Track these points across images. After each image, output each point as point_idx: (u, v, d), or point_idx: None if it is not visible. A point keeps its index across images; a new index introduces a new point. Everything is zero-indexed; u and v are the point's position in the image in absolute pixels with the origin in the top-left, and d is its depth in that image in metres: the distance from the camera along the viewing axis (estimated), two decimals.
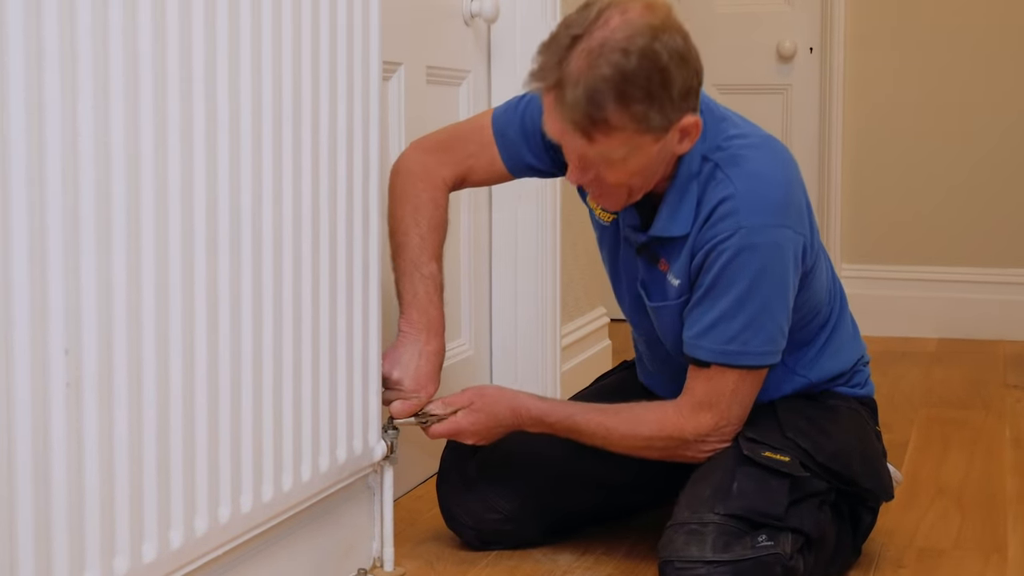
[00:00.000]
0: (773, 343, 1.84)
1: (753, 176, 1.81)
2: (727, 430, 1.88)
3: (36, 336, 1.22)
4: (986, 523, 2.24)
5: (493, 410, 1.93)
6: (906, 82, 4.22)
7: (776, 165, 1.85)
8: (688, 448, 1.89)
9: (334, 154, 1.76)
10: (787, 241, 1.80)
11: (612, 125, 1.69)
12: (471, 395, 1.95)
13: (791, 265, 1.82)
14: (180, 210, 1.42)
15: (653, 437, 1.89)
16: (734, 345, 1.81)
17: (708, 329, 1.82)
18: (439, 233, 2.00)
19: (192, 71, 1.44)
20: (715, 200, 1.80)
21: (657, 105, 1.69)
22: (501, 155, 2.02)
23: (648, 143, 1.73)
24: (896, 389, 3.36)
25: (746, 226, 1.78)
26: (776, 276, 1.80)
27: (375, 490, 1.97)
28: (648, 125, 1.70)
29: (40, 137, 1.21)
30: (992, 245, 4.18)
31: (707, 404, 1.85)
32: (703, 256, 1.81)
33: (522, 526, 2.07)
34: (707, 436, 1.87)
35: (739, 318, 1.80)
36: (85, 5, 1.26)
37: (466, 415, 1.93)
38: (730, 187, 1.80)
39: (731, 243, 1.78)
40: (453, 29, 2.52)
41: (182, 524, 1.46)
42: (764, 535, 1.77)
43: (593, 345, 3.21)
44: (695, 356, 1.85)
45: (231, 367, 1.54)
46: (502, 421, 1.93)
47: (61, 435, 1.25)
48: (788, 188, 1.84)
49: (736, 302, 1.80)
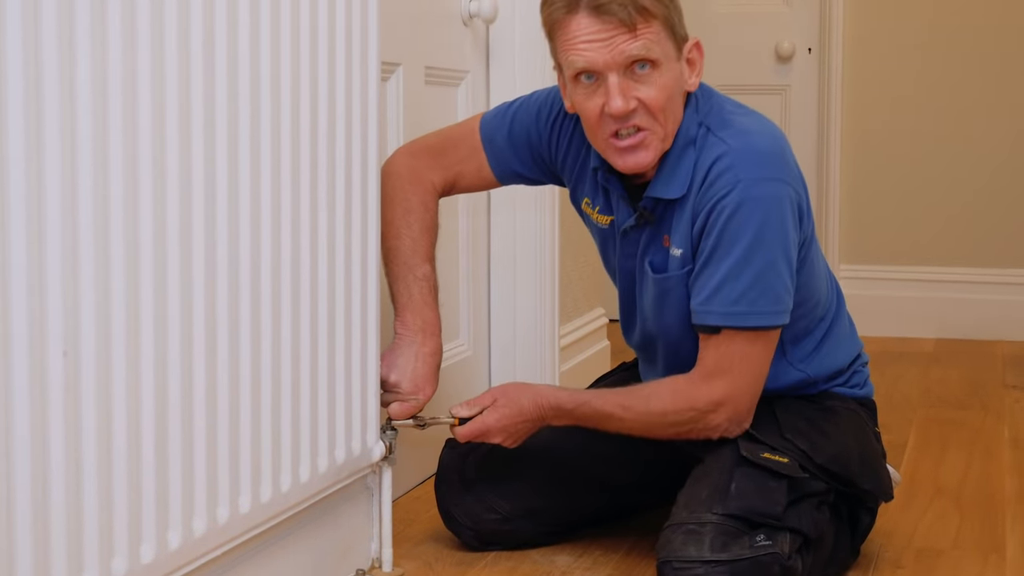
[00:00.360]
0: (780, 302, 1.83)
1: (745, 133, 1.85)
2: (740, 402, 1.85)
3: (34, 338, 1.22)
4: (984, 523, 2.24)
5: (517, 403, 1.92)
6: (904, 83, 4.22)
7: (767, 126, 1.90)
8: (702, 420, 1.86)
9: (332, 154, 1.76)
10: (784, 195, 1.82)
11: (648, 9, 1.77)
12: (494, 393, 1.95)
13: (790, 219, 1.82)
14: (178, 211, 1.42)
15: (667, 411, 1.87)
16: (742, 305, 1.81)
17: (715, 292, 1.82)
18: (430, 235, 2.00)
19: (190, 72, 1.44)
20: (710, 160, 1.83)
21: (672, 5, 1.81)
22: (489, 162, 2.03)
23: (672, 55, 1.81)
24: (894, 389, 3.36)
25: (743, 179, 1.80)
26: (776, 231, 1.81)
27: (373, 491, 1.97)
28: (672, 24, 1.80)
29: (39, 139, 1.21)
30: (990, 245, 4.18)
31: (718, 371, 1.84)
32: (704, 218, 1.82)
33: (520, 527, 2.07)
34: (719, 405, 1.85)
35: (744, 276, 1.80)
36: (84, 9, 1.26)
37: (491, 412, 1.92)
38: (722, 146, 1.83)
39: (730, 198, 1.79)
40: (452, 30, 2.52)
41: (180, 525, 1.46)
42: (762, 535, 1.77)
43: (592, 345, 3.21)
44: (704, 323, 1.84)
45: (229, 369, 1.54)
46: (526, 414, 1.92)
47: (59, 436, 1.25)
48: (781, 145, 1.87)
49: (740, 259, 1.80)
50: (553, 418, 1.94)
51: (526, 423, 1.93)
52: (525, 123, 2.02)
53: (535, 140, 2.02)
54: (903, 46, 4.21)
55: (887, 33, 4.22)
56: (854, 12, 4.23)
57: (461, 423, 1.94)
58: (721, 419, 1.86)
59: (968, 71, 4.16)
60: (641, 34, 1.76)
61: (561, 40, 1.80)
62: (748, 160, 1.81)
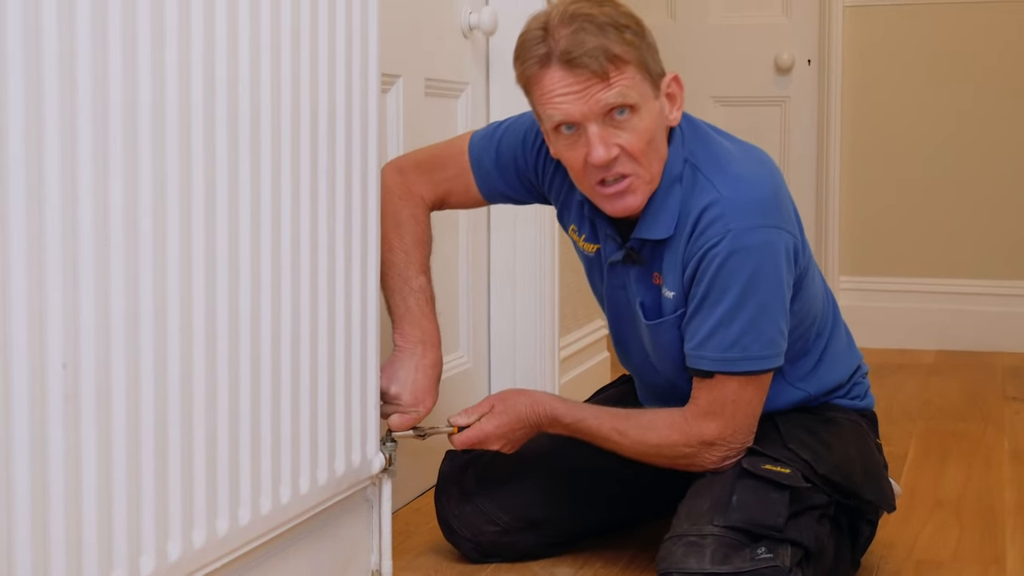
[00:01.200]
0: (774, 345, 1.83)
1: (737, 178, 1.81)
2: (735, 439, 1.87)
3: (34, 350, 1.22)
4: (984, 535, 2.24)
5: (515, 409, 1.94)
6: (904, 94, 4.22)
7: (759, 167, 1.86)
8: (696, 457, 1.88)
9: (333, 165, 1.76)
10: (778, 241, 1.80)
11: (621, 57, 1.74)
12: (491, 400, 1.96)
13: (784, 265, 1.81)
14: (178, 223, 1.42)
15: (662, 444, 1.88)
16: (734, 351, 1.81)
17: (707, 338, 1.82)
18: (423, 247, 2.01)
19: (190, 81, 1.44)
20: (700, 206, 1.80)
21: (646, 43, 1.78)
22: (476, 182, 2.04)
23: (650, 96, 1.78)
24: (894, 401, 3.35)
25: (734, 229, 1.78)
26: (770, 277, 1.80)
27: (373, 502, 1.97)
28: (646, 64, 1.77)
29: (39, 151, 1.21)
30: (990, 257, 4.18)
31: (712, 412, 1.85)
32: (695, 265, 1.81)
33: (521, 539, 2.06)
34: (714, 444, 1.86)
35: (736, 323, 1.80)
36: (84, 17, 1.26)
37: (489, 419, 1.94)
38: (713, 192, 1.80)
39: (721, 248, 1.78)
40: (452, 41, 2.52)
41: (180, 537, 1.46)
42: (763, 547, 1.77)
43: (591, 357, 3.21)
44: (698, 367, 1.84)
45: (229, 380, 1.54)
46: (524, 419, 1.94)
47: (59, 449, 1.25)
48: (774, 188, 1.84)
49: (732, 307, 1.79)
50: (548, 427, 1.95)
51: (523, 429, 1.95)
52: (512, 147, 2.02)
53: (522, 164, 2.02)
54: (903, 57, 4.22)
55: (887, 44, 4.23)
56: (854, 23, 4.24)
57: (460, 431, 1.95)
58: (715, 457, 1.88)
59: (968, 83, 4.16)
60: (615, 82, 1.75)
61: (537, 94, 1.80)
62: (739, 208, 1.79)
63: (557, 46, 1.75)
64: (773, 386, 1.91)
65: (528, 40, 1.79)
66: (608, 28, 1.74)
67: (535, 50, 1.77)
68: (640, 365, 2.03)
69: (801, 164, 4.26)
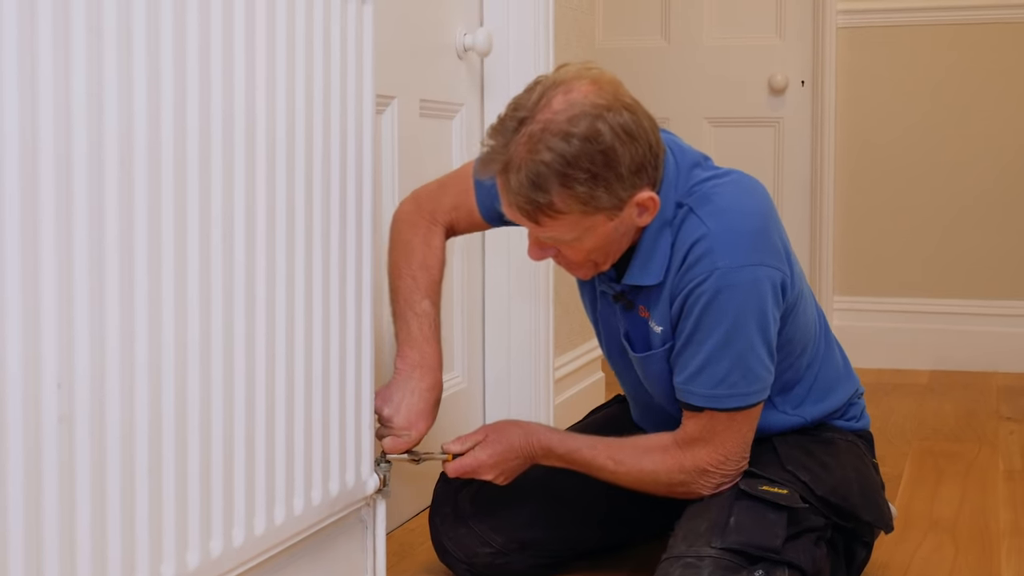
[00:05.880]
0: (760, 380, 1.84)
1: (724, 212, 1.79)
2: (728, 466, 1.87)
3: (28, 370, 1.22)
4: (980, 556, 2.24)
5: (507, 440, 1.92)
6: (898, 114, 4.24)
7: (747, 199, 1.83)
8: (691, 485, 1.88)
9: (327, 186, 1.77)
10: (764, 277, 1.78)
11: (557, 209, 1.68)
12: (485, 430, 1.96)
13: (770, 301, 1.80)
14: (173, 242, 1.43)
15: (657, 470, 1.88)
16: (722, 388, 1.81)
17: (696, 374, 1.82)
18: (430, 272, 2.00)
19: (185, 102, 1.44)
20: (689, 242, 1.79)
21: (603, 185, 1.68)
22: (477, 204, 2.03)
23: (600, 222, 1.72)
24: (889, 421, 3.35)
25: (721, 267, 1.76)
26: (756, 313, 1.79)
27: (367, 523, 1.97)
28: (596, 206, 1.69)
29: (34, 170, 1.21)
30: (984, 277, 4.19)
31: (702, 439, 1.85)
32: (682, 301, 1.81)
33: (515, 560, 2.06)
34: (707, 471, 1.86)
35: (724, 361, 1.80)
36: (79, 34, 1.26)
37: (483, 448, 1.93)
38: (702, 227, 1.78)
39: (707, 286, 1.77)
40: (446, 63, 2.53)
41: (174, 558, 1.45)
42: (761, 570, 1.77)
43: (586, 378, 3.21)
44: (687, 401, 1.85)
45: (224, 402, 1.54)
46: (516, 449, 1.92)
47: (53, 469, 1.25)
48: (761, 222, 1.81)
49: (719, 345, 1.79)
50: (543, 458, 1.94)
51: (516, 460, 1.94)
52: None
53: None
54: (897, 78, 4.23)
55: (880, 66, 4.24)
56: (847, 45, 4.26)
57: (454, 459, 1.94)
58: (710, 485, 1.88)
59: (961, 104, 4.18)
60: (548, 227, 1.71)
61: None
62: (727, 246, 1.76)
63: (507, 164, 1.68)
64: (768, 416, 1.91)
65: (501, 126, 1.71)
66: (556, 179, 1.65)
67: (498, 143, 1.70)
68: (634, 386, 2.04)
69: (795, 184, 4.27)
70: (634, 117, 1.70)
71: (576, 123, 1.65)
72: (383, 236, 2.24)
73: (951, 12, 4.17)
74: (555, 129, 1.65)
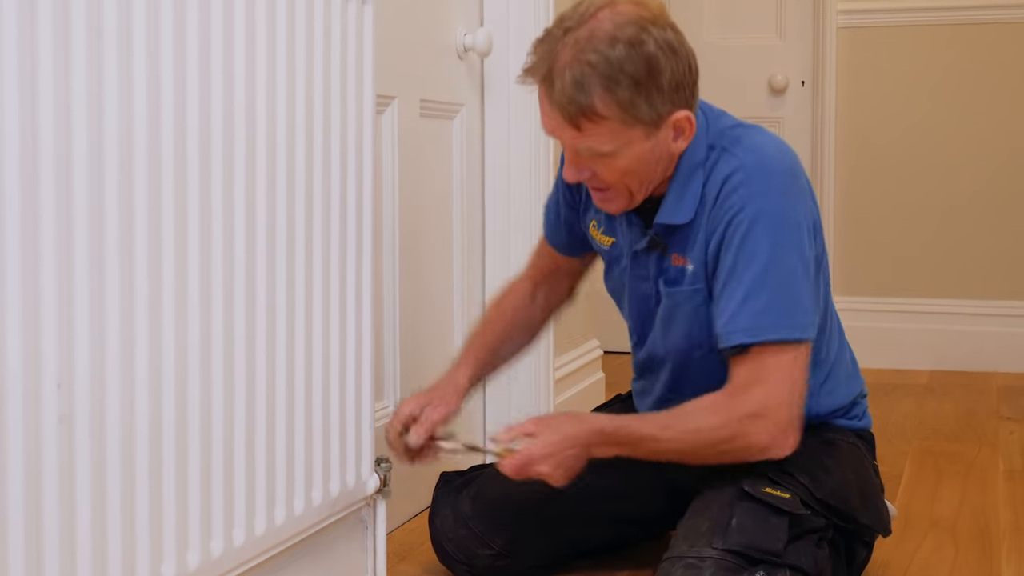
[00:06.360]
0: (806, 314, 1.80)
1: (757, 150, 1.83)
2: (780, 412, 1.79)
3: (28, 369, 1.22)
4: (980, 556, 2.23)
5: (561, 428, 1.82)
6: (899, 114, 4.24)
7: (778, 143, 1.89)
8: (743, 435, 1.79)
9: (328, 186, 1.77)
10: (799, 209, 1.81)
11: (599, 113, 1.70)
12: (535, 421, 1.86)
13: (806, 235, 1.81)
14: (173, 241, 1.43)
15: (704, 427, 1.80)
16: (768, 317, 1.78)
17: (739, 309, 1.79)
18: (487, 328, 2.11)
19: (186, 102, 1.44)
20: (722, 177, 1.81)
21: (644, 94, 1.71)
22: (548, 239, 2.11)
23: (638, 138, 1.74)
24: (889, 421, 3.35)
25: (758, 195, 1.79)
26: (796, 244, 1.80)
27: (368, 524, 1.97)
28: (636, 115, 1.71)
29: (34, 170, 1.21)
30: (985, 277, 4.19)
31: (751, 382, 1.79)
32: (720, 235, 1.81)
33: (515, 561, 2.06)
34: (757, 416, 1.78)
35: (767, 289, 1.78)
36: (79, 34, 1.26)
37: (536, 441, 1.81)
38: (734, 162, 1.81)
39: (746, 214, 1.78)
40: (447, 63, 2.53)
41: (174, 559, 1.45)
42: (762, 572, 1.76)
43: (587, 377, 3.21)
44: (732, 343, 1.79)
45: (224, 402, 1.54)
46: (572, 438, 1.81)
47: (53, 469, 1.25)
48: (792, 162, 1.87)
49: (761, 274, 1.78)
50: (597, 444, 1.84)
51: (572, 449, 1.82)
52: (559, 182, 2.06)
53: (563, 188, 2.06)
54: (897, 78, 4.23)
55: (881, 65, 4.25)
56: (847, 44, 4.26)
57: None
58: (762, 432, 1.79)
59: (961, 103, 4.18)
60: (588, 133, 1.72)
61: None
62: (762, 176, 1.80)
63: (550, 70, 1.71)
64: None
65: (547, 36, 1.75)
66: (601, 80, 1.68)
67: (540, 54, 1.74)
68: (649, 358, 2.01)
69: None
70: (677, 36, 1.75)
71: (622, 30, 1.70)
72: (383, 236, 2.24)
73: (952, 12, 4.17)
74: (601, 35, 1.69)
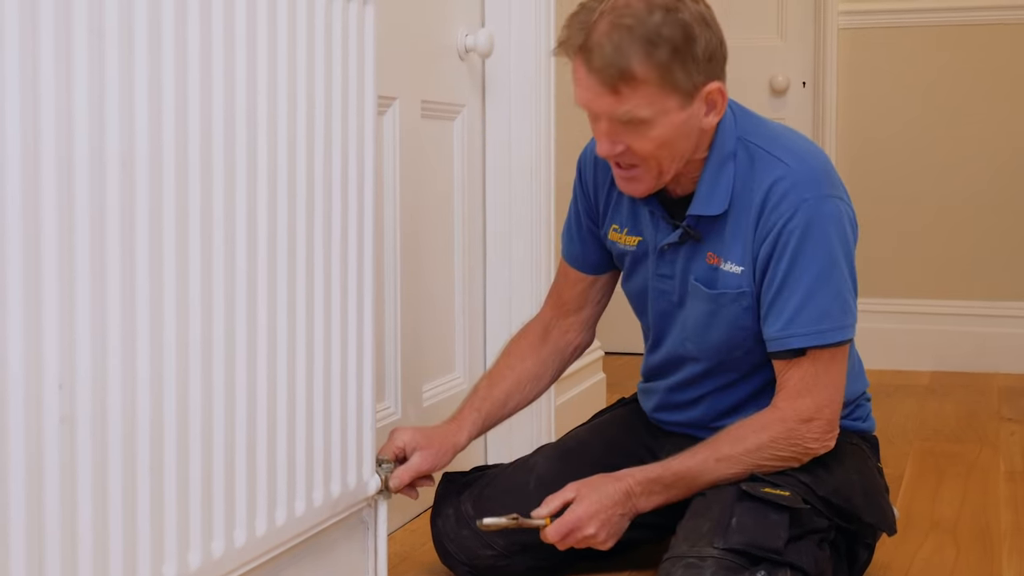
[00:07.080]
0: (853, 313, 1.86)
1: (796, 151, 1.86)
2: (829, 410, 1.85)
3: (30, 370, 1.22)
4: (982, 557, 2.23)
5: (602, 489, 1.86)
6: (899, 116, 4.24)
7: (808, 143, 1.92)
8: (799, 440, 1.84)
9: (329, 187, 1.77)
10: (843, 211, 1.85)
11: (637, 77, 1.72)
12: (575, 486, 1.89)
13: (850, 233, 1.85)
14: (174, 242, 1.43)
15: (763, 445, 1.85)
16: (826, 323, 1.82)
17: (797, 313, 1.82)
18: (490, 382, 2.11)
19: (187, 104, 1.44)
20: (768, 183, 1.83)
21: (680, 60, 1.73)
22: (567, 261, 2.11)
23: (674, 107, 1.76)
24: (890, 422, 3.35)
25: (808, 199, 1.81)
26: (843, 243, 1.83)
27: (369, 525, 1.97)
28: (673, 81, 1.73)
29: (35, 172, 1.21)
30: (987, 277, 4.19)
31: (804, 390, 1.84)
32: (773, 242, 1.82)
33: (516, 563, 2.05)
34: (811, 420, 1.84)
35: (824, 294, 1.81)
36: (81, 35, 1.26)
37: (578, 504, 1.85)
38: (780, 167, 1.83)
39: (798, 220, 1.81)
40: (448, 64, 2.53)
41: (176, 559, 1.45)
42: (763, 571, 1.76)
43: (588, 379, 3.20)
44: (787, 348, 1.83)
45: (225, 402, 1.54)
46: (612, 495, 1.85)
47: (54, 470, 1.25)
48: (826, 160, 1.90)
49: (819, 277, 1.81)
50: (641, 495, 1.87)
51: (616, 509, 1.86)
52: (576, 194, 2.07)
53: (582, 200, 2.06)
54: (898, 79, 4.23)
55: (882, 67, 4.24)
56: (849, 46, 4.26)
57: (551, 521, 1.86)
58: (815, 432, 1.85)
59: (962, 104, 4.18)
60: (625, 98, 1.74)
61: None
62: (808, 178, 1.83)
63: (587, 39, 1.73)
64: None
65: (581, 9, 1.78)
66: (639, 44, 1.71)
67: (576, 25, 1.76)
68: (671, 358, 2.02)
69: None
70: (708, 11, 1.78)
71: (656, 1, 1.73)
72: (384, 237, 2.24)
73: (954, 13, 4.17)
74: (637, 5, 1.73)
